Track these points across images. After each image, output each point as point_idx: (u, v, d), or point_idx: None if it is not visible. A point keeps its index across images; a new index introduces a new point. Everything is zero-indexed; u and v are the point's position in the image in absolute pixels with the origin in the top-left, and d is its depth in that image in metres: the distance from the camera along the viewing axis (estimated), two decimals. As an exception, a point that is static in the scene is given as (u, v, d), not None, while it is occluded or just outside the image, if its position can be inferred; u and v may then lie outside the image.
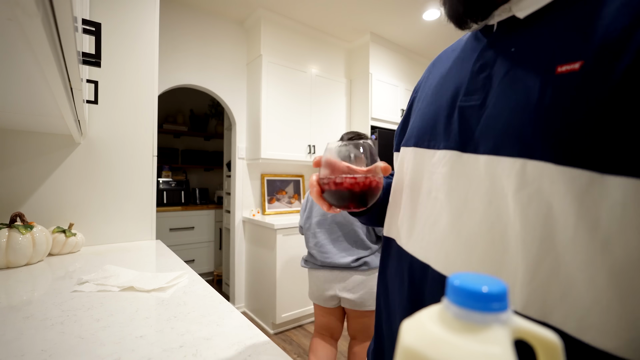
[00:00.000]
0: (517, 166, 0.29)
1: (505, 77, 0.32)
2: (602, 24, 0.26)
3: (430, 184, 0.39)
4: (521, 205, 0.28)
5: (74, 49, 0.43)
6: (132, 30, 1.35)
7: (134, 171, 1.36)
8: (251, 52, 2.54)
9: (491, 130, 0.32)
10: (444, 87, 0.41)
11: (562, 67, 0.27)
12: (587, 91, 0.25)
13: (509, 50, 0.33)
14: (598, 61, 0.25)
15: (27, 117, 0.88)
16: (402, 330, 0.21)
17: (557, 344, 0.19)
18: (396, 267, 0.44)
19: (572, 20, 0.28)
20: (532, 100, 0.29)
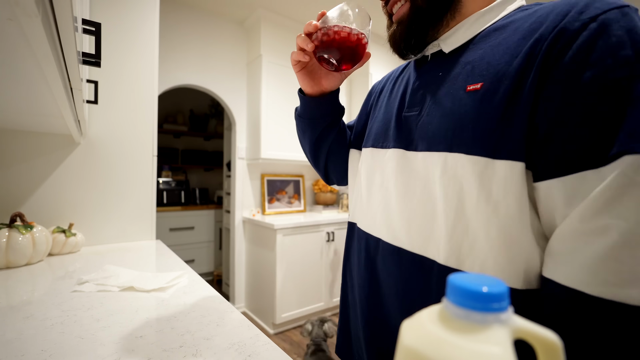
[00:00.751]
0: (441, 159, 0.40)
1: (435, 94, 0.44)
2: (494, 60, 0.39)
3: (382, 177, 0.51)
4: (443, 186, 0.40)
5: (74, 49, 0.43)
6: (132, 30, 1.35)
7: (134, 171, 1.36)
8: (251, 52, 2.54)
9: (425, 133, 0.44)
10: (392, 101, 0.54)
11: (470, 87, 0.40)
12: (484, 105, 0.37)
13: (437, 74, 0.46)
14: (491, 84, 0.37)
15: (27, 117, 0.88)
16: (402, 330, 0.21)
17: (557, 344, 0.19)
18: (357, 246, 0.56)
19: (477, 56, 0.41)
20: (451, 110, 0.41)
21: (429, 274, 0.41)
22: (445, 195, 0.40)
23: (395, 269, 0.46)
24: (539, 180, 0.34)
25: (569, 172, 0.31)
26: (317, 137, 0.64)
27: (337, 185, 0.74)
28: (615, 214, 0.28)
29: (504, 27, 0.41)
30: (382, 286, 0.48)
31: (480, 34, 0.43)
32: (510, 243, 0.35)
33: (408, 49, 0.49)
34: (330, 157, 0.68)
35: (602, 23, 0.31)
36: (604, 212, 0.29)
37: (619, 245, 0.28)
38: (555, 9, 0.36)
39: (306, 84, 0.58)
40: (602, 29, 0.31)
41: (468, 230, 0.38)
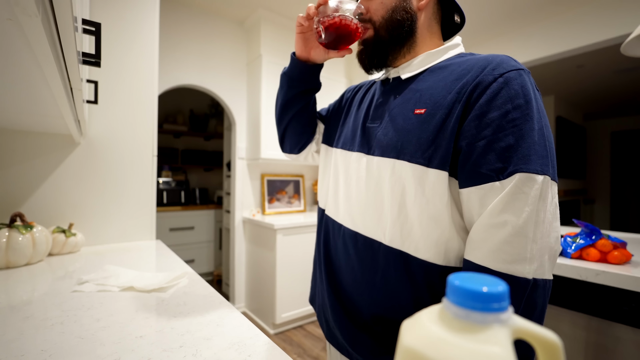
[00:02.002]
0: (391, 164, 0.53)
1: (391, 112, 0.56)
2: (435, 92, 0.51)
3: (347, 175, 0.62)
4: (391, 185, 0.52)
5: (74, 49, 0.43)
6: (132, 30, 1.35)
7: (134, 171, 1.36)
8: (251, 52, 2.54)
9: (381, 142, 0.55)
10: (361, 112, 0.65)
11: (416, 110, 0.52)
12: (425, 125, 0.50)
13: (395, 96, 0.58)
14: (432, 110, 0.50)
15: (27, 117, 0.88)
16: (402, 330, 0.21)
17: (557, 344, 0.19)
18: (324, 227, 0.68)
19: (425, 86, 0.54)
20: (402, 127, 0.53)
21: (377, 253, 0.54)
22: (392, 191, 0.52)
23: (352, 248, 0.58)
24: (462, 188, 0.47)
25: (482, 183, 0.44)
26: (288, 99, 0.72)
27: (288, 153, 0.82)
28: (510, 212, 0.42)
29: (445, 68, 0.54)
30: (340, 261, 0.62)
31: (429, 69, 0.56)
32: (436, 230, 0.49)
33: (371, 66, 0.62)
34: (292, 123, 0.75)
35: (506, 79, 0.46)
36: (504, 211, 0.42)
37: (511, 234, 0.42)
38: (478, 62, 0.49)
39: (298, 46, 0.66)
40: (505, 82, 0.45)
41: (407, 219, 0.51)
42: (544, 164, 0.43)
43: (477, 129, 0.45)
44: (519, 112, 0.44)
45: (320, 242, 0.69)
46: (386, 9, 0.57)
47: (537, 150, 0.43)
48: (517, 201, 0.42)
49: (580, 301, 0.96)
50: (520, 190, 0.42)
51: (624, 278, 0.87)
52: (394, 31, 0.57)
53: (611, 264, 0.95)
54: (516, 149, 0.43)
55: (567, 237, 1.08)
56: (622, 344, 0.89)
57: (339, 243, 0.62)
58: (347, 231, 0.60)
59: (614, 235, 1.38)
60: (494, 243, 0.43)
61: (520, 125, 0.43)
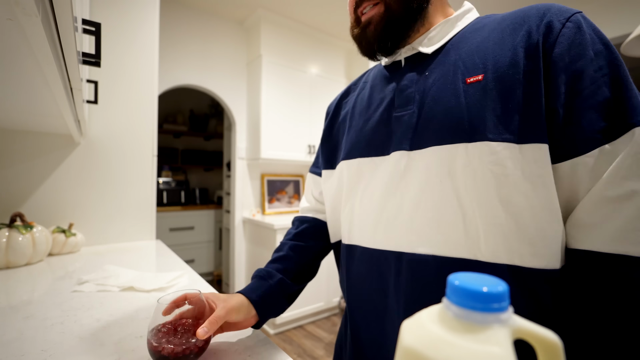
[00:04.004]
0: (460, 150, 0.39)
1: (429, 92, 0.44)
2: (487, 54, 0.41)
3: (387, 183, 0.46)
4: (469, 177, 0.38)
5: (74, 49, 0.43)
6: (132, 30, 1.35)
7: (134, 171, 1.36)
8: (251, 52, 2.54)
9: (432, 128, 0.42)
10: (372, 107, 0.52)
11: (469, 79, 0.41)
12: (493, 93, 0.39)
13: (423, 73, 0.46)
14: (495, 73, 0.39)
15: (27, 117, 0.88)
16: (402, 330, 0.21)
17: (558, 344, 0.19)
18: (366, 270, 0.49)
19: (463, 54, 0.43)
20: (457, 103, 0.41)
21: None
22: (472, 187, 0.38)
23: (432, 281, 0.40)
24: (561, 161, 0.36)
25: (589, 149, 0.35)
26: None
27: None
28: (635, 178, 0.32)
29: (479, 29, 0.45)
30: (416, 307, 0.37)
31: (454, 38, 0.47)
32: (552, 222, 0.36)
33: (382, 51, 0.50)
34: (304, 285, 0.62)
35: (575, 23, 0.38)
36: (628, 177, 0.33)
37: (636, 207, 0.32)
38: (529, 12, 0.41)
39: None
40: (577, 27, 0.37)
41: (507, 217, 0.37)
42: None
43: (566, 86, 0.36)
44: (602, 58, 0.36)
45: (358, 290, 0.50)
46: None
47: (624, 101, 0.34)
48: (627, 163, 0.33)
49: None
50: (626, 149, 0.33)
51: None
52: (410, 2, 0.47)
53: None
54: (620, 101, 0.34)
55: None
56: None
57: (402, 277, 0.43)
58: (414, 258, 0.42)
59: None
60: (621, 221, 0.32)
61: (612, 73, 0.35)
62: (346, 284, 0.54)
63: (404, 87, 0.48)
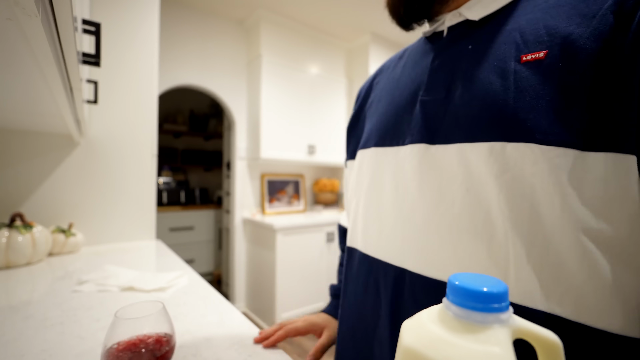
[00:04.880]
0: (496, 150, 0.29)
1: (468, 72, 0.34)
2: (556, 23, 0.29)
3: (397, 181, 0.38)
4: (506, 188, 0.28)
5: (73, 49, 0.43)
6: (132, 30, 1.35)
7: (134, 171, 1.36)
8: (251, 51, 2.54)
9: (462, 119, 0.32)
10: (398, 88, 0.42)
11: (525, 57, 0.30)
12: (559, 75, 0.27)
13: (466, 48, 0.35)
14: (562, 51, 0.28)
15: (27, 117, 0.88)
16: (403, 330, 0.21)
17: (558, 344, 0.19)
18: (364, 281, 0.41)
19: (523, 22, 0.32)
20: (503, 87, 0.30)
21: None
22: (506, 201, 0.28)
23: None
24: None
25: None
26: None
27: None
28: None
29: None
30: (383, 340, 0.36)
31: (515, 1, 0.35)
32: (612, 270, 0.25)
33: (410, 16, 0.40)
34: None
35: None
36: None
37: None
38: None
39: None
40: None
41: (549, 250, 0.27)
42: None
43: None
44: None
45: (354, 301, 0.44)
46: None
47: None
48: None
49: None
50: None
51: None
52: None
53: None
54: None
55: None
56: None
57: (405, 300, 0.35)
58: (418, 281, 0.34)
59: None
60: None
61: None
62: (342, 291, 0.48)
63: (437, 67, 0.37)
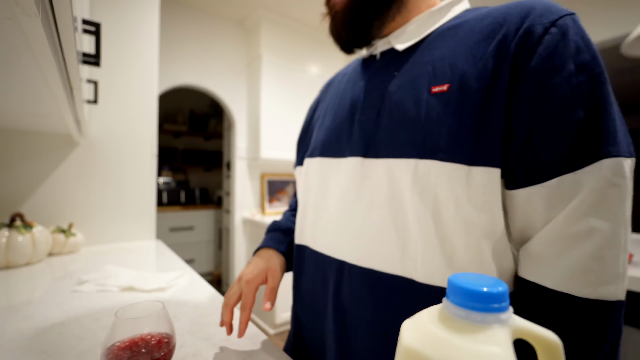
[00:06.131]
0: (411, 166, 0.37)
1: (394, 96, 0.41)
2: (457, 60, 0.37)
3: (339, 188, 0.45)
4: (416, 196, 0.36)
5: (73, 49, 0.43)
6: (132, 30, 1.35)
7: (134, 171, 1.36)
8: (251, 52, 2.54)
9: (388, 138, 0.40)
10: (341, 105, 0.49)
11: (434, 88, 0.37)
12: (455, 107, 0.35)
13: (393, 74, 0.43)
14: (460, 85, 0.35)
15: (27, 117, 0.88)
16: (403, 330, 0.21)
17: (558, 344, 0.19)
18: (312, 273, 0.49)
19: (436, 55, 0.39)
20: (417, 114, 0.38)
21: (407, 295, 0.37)
22: (417, 205, 0.36)
23: (367, 295, 0.40)
24: (517, 188, 0.33)
25: (549, 178, 0.31)
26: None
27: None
28: (600, 216, 0.30)
29: (457, 27, 0.40)
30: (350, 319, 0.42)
31: (434, 33, 0.42)
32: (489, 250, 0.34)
33: (352, 41, 0.46)
34: None
35: (561, 28, 0.32)
36: (589, 214, 0.30)
37: (603, 246, 0.30)
38: (511, 11, 0.36)
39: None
40: (562, 34, 0.32)
41: (447, 241, 0.35)
42: (629, 142, 0.31)
43: (534, 104, 0.32)
44: (586, 73, 0.31)
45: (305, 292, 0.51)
46: None
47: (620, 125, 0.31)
48: (607, 198, 0.29)
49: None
50: (610, 182, 0.29)
51: (624, 278, 0.87)
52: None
53: (611, 264, 0.95)
54: (595, 127, 0.30)
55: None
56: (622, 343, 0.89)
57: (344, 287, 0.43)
58: (354, 270, 0.42)
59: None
60: (577, 260, 0.30)
61: (593, 91, 0.31)
62: (294, 284, 0.55)
63: (370, 88, 0.45)
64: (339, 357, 0.43)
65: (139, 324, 0.39)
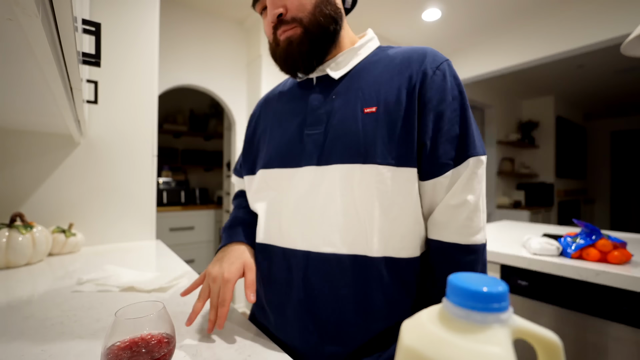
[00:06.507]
0: (357, 169, 0.49)
1: (336, 114, 0.52)
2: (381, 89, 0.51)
3: (299, 194, 0.53)
4: (363, 193, 0.48)
5: (74, 49, 0.43)
6: (132, 30, 1.35)
7: (134, 171, 1.36)
8: (251, 52, 2.54)
9: (335, 149, 0.50)
10: (287, 121, 0.58)
11: (366, 109, 0.50)
12: (383, 124, 0.49)
13: (331, 96, 0.54)
14: (385, 108, 0.49)
15: (27, 117, 0.88)
16: (403, 330, 0.21)
17: (558, 344, 0.19)
18: (278, 265, 0.55)
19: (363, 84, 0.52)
20: (356, 129, 0.50)
21: (366, 268, 0.49)
22: (363, 198, 0.49)
23: (330, 275, 0.50)
24: (427, 180, 0.49)
25: (445, 172, 0.48)
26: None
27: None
28: (468, 192, 0.48)
29: (376, 62, 0.54)
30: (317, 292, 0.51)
31: (358, 65, 0.55)
32: (415, 225, 0.50)
33: (305, 69, 0.55)
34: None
35: (442, 71, 0.50)
36: (464, 192, 0.48)
37: (472, 210, 0.48)
38: (413, 55, 0.52)
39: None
40: (443, 75, 0.49)
41: (389, 223, 0.49)
42: (482, 145, 0.50)
43: (433, 123, 0.48)
44: (457, 102, 0.49)
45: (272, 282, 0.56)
46: (312, 3, 0.52)
47: (477, 135, 0.50)
48: (472, 181, 0.48)
49: (580, 301, 0.96)
50: (473, 171, 0.48)
51: (624, 278, 0.87)
52: (327, 26, 0.53)
53: (611, 264, 0.95)
54: (464, 137, 0.49)
55: (567, 237, 1.08)
56: (622, 344, 0.89)
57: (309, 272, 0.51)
58: (318, 257, 0.50)
59: (614, 235, 1.38)
60: (459, 221, 0.48)
61: (462, 114, 0.49)
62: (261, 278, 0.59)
63: (314, 107, 0.55)
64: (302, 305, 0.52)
65: (139, 324, 0.39)
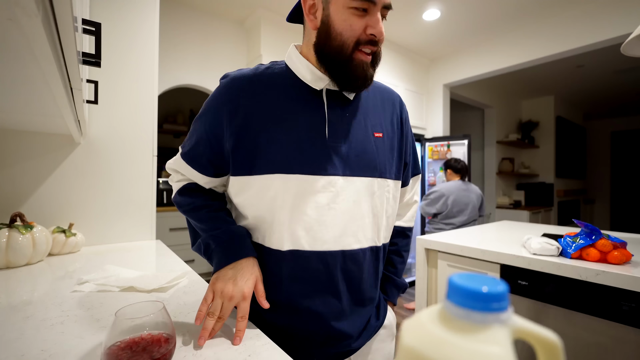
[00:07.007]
0: (375, 181, 0.63)
1: (352, 134, 0.61)
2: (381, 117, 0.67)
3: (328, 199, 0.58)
4: (379, 198, 0.64)
5: (74, 49, 0.43)
6: (132, 30, 1.35)
7: (134, 171, 1.35)
8: (251, 52, 2.54)
9: (359, 164, 0.61)
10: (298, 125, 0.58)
11: (375, 134, 0.64)
12: (387, 148, 0.66)
13: (344, 114, 0.61)
14: (386, 134, 0.66)
15: (27, 117, 0.88)
16: (403, 330, 0.21)
17: (557, 344, 0.19)
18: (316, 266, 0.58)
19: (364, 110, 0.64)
20: (372, 149, 0.62)
21: (376, 255, 0.66)
22: (379, 204, 0.64)
23: (358, 264, 0.62)
24: (404, 186, 0.76)
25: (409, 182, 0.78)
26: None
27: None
28: (416, 195, 0.83)
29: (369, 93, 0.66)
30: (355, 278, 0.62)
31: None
32: (392, 222, 0.71)
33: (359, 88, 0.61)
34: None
35: (402, 104, 0.73)
36: (415, 194, 0.82)
37: (416, 205, 0.83)
38: (387, 89, 0.72)
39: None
40: (404, 107, 0.73)
41: (386, 220, 0.67)
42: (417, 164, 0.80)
43: (410, 149, 0.74)
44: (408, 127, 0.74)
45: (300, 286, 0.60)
46: None
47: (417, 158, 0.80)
48: (416, 187, 0.82)
49: (580, 301, 0.96)
50: (417, 181, 0.81)
51: (624, 278, 0.87)
52: None
53: (611, 263, 0.95)
54: (415, 159, 0.78)
55: (567, 237, 1.08)
56: (622, 344, 0.89)
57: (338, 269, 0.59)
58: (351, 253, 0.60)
59: (614, 235, 1.38)
60: (411, 212, 0.81)
61: (412, 142, 0.75)
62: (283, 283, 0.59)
63: (333, 121, 0.59)
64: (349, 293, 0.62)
65: (139, 324, 0.39)
